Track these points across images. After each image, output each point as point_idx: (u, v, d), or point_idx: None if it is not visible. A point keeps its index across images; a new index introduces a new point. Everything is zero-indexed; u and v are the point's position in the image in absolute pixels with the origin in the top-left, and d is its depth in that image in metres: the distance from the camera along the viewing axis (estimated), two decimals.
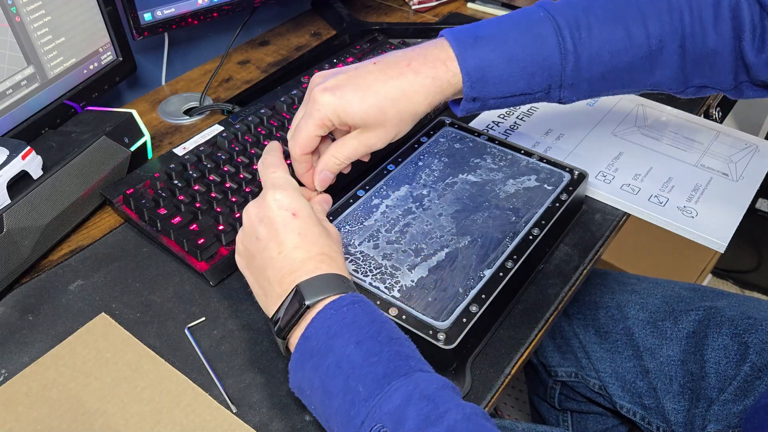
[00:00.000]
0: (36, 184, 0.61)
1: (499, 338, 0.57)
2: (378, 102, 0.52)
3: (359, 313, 0.45)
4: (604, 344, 0.79)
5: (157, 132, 0.83)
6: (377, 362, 0.43)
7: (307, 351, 0.45)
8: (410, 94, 0.52)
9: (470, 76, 0.54)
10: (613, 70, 0.56)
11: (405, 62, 0.53)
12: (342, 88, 0.52)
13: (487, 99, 0.56)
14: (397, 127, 0.54)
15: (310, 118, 0.53)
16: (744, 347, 0.71)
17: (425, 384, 0.42)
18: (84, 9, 0.74)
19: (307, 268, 0.47)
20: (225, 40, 0.99)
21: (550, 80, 0.56)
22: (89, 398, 0.52)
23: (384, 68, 0.53)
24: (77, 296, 0.61)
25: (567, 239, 0.66)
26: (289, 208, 0.50)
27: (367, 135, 0.54)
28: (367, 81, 0.52)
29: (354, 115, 0.52)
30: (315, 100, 0.52)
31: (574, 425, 0.88)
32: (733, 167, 0.73)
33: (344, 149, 0.54)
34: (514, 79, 0.55)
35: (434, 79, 0.53)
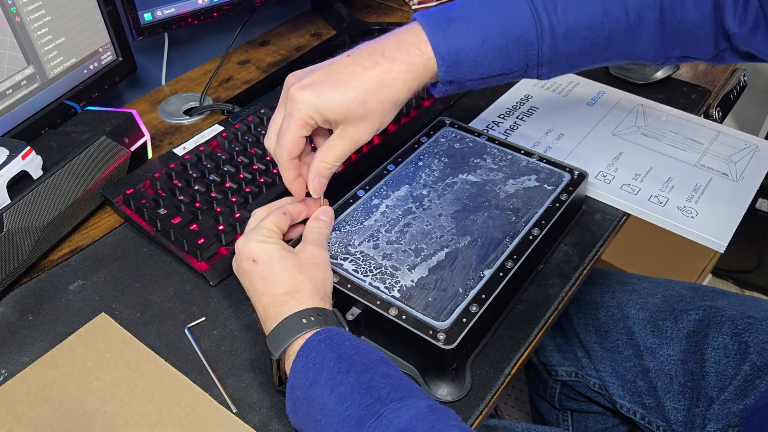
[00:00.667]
0: (36, 184, 0.61)
1: (499, 338, 0.57)
2: (358, 95, 0.51)
3: (327, 353, 0.47)
4: (605, 344, 0.79)
5: (157, 132, 0.83)
6: (351, 406, 0.44)
7: (296, 401, 0.47)
8: (388, 83, 0.51)
9: (444, 60, 0.52)
10: (591, 45, 0.55)
11: (379, 51, 0.52)
12: (320, 85, 0.51)
13: (464, 81, 0.55)
14: (380, 117, 0.53)
15: (291, 118, 0.52)
16: (744, 347, 0.71)
17: (397, 418, 0.42)
18: (84, 9, 0.74)
19: (272, 315, 0.50)
20: (225, 40, 0.99)
21: (527, 59, 0.55)
22: (89, 398, 0.52)
23: (358, 60, 0.52)
24: (77, 296, 0.61)
25: (567, 239, 0.66)
26: (249, 256, 0.52)
27: (352, 130, 0.52)
28: (343, 75, 0.51)
29: (335, 110, 0.51)
30: (294, 99, 0.51)
31: (574, 425, 0.88)
32: (733, 167, 0.73)
33: (332, 151, 0.54)
34: (489, 61, 0.54)
35: (410, 64, 0.52)
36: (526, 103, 0.83)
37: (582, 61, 0.57)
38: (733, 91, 0.91)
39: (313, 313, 0.49)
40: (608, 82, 0.86)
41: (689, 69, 0.90)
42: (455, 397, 0.52)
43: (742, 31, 0.54)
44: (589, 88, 0.85)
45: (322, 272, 0.53)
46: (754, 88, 1.32)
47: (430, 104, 0.82)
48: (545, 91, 0.85)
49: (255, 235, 0.53)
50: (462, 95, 0.85)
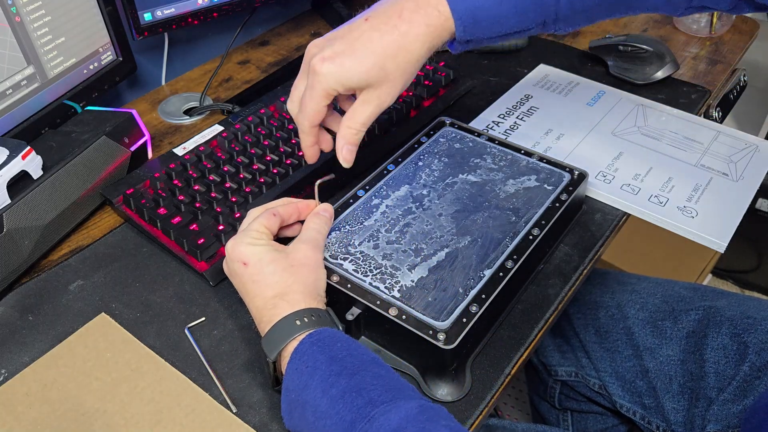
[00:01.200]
0: (36, 184, 0.61)
1: (499, 338, 0.57)
2: (377, 61, 0.51)
3: (318, 355, 0.47)
4: (604, 344, 0.79)
5: (157, 132, 0.83)
6: (342, 409, 0.44)
7: (291, 403, 0.47)
8: (407, 46, 0.52)
9: (462, 21, 0.53)
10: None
11: (396, 13, 0.52)
12: (340, 55, 0.51)
13: (481, 39, 0.55)
14: (401, 78, 0.53)
15: (314, 90, 0.53)
16: (743, 347, 0.71)
17: (388, 421, 0.42)
18: (84, 9, 0.74)
19: (265, 318, 0.50)
20: (225, 40, 0.99)
21: (544, 16, 0.55)
22: (89, 398, 0.53)
23: (376, 24, 0.52)
24: (77, 296, 0.61)
25: (567, 239, 0.66)
26: (239, 258, 0.52)
27: (376, 94, 0.53)
28: (362, 42, 0.51)
29: (357, 79, 0.52)
30: (316, 71, 0.52)
31: (574, 425, 0.88)
32: (733, 167, 0.73)
33: (358, 116, 0.54)
34: (507, 18, 0.54)
35: (428, 26, 0.52)
36: (526, 103, 0.83)
37: (599, 14, 0.57)
38: (733, 91, 0.91)
39: (306, 314, 0.49)
40: (608, 82, 0.86)
41: (689, 69, 0.90)
42: (455, 397, 0.52)
43: None
44: (589, 88, 0.85)
45: (314, 272, 0.53)
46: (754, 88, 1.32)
47: (430, 104, 0.82)
48: (545, 91, 0.85)
49: (244, 238, 0.53)
50: (462, 95, 0.85)
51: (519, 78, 0.88)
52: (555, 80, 0.87)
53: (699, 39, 0.97)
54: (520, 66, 0.91)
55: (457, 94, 0.84)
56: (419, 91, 0.81)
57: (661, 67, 0.85)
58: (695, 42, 0.96)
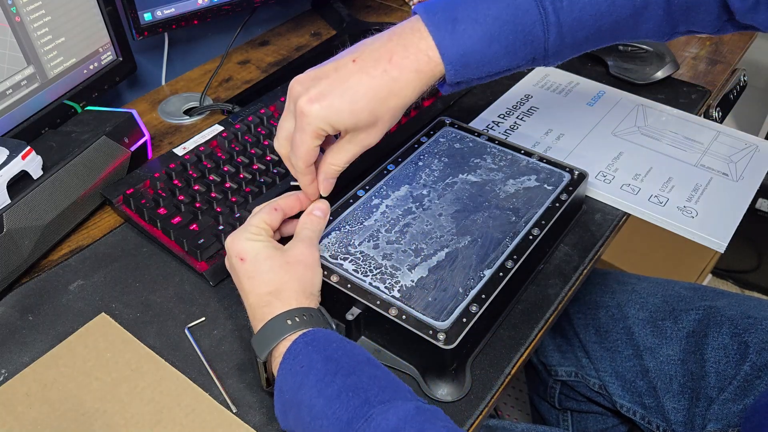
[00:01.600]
0: (36, 184, 0.61)
1: (499, 338, 0.57)
2: (367, 105, 0.51)
3: (313, 355, 0.47)
4: (604, 343, 0.79)
5: (157, 132, 0.83)
6: (339, 408, 0.44)
7: (285, 403, 0.47)
8: (398, 92, 0.51)
9: (453, 65, 0.52)
10: (597, 31, 0.55)
11: (386, 57, 0.51)
12: (328, 97, 0.50)
13: (471, 80, 0.55)
14: (388, 121, 0.53)
15: (304, 132, 0.52)
16: (744, 347, 0.71)
17: (385, 421, 0.42)
18: (84, 9, 0.74)
19: (258, 316, 0.50)
20: (225, 40, 0.99)
21: (533, 53, 0.54)
22: (89, 398, 0.52)
23: (365, 67, 0.51)
24: (77, 296, 0.61)
25: (567, 239, 0.66)
26: (236, 254, 0.52)
27: (362, 136, 0.53)
28: (351, 85, 0.50)
29: (345, 121, 0.51)
30: (304, 113, 0.51)
31: (574, 424, 0.88)
32: (733, 167, 0.73)
33: (341, 155, 0.54)
34: (497, 59, 0.53)
35: (418, 72, 0.51)
36: (526, 103, 0.83)
37: (587, 47, 0.57)
38: (733, 91, 0.91)
39: (299, 314, 0.49)
40: (608, 82, 0.86)
41: (689, 69, 0.90)
42: (455, 397, 0.52)
43: (744, 7, 0.55)
44: (589, 88, 0.85)
45: (310, 270, 0.53)
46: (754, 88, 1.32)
47: (430, 104, 0.82)
48: (545, 91, 0.85)
49: (243, 233, 0.53)
50: (462, 95, 0.85)
51: (519, 78, 0.88)
52: (555, 80, 0.87)
53: (699, 39, 0.97)
54: None
55: (457, 94, 0.84)
56: None
57: (661, 67, 0.85)
58: (695, 42, 0.96)
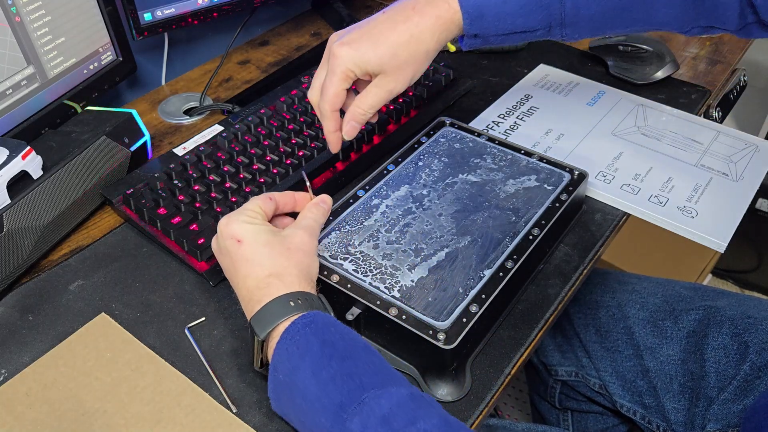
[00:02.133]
0: (36, 184, 0.61)
1: (499, 338, 0.57)
2: (390, 48, 0.56)
3: (310, 338, 0.47)
4: (605, 343, 0.79)
5: (157, 132, 0.83)
6: (332, 391, 0.44)
7: (279, 385, 0.47)
8: (418, 35, 0.56)
9: (469, 14, 0.56)
10: (615, 7, 0.58)
11: (410, 6, 0.56)
12: (357, 41, 0.56)
13: (488, 36, 0.58)
14: (412, 67, 0.57)
15: (333, 74, 0.57)
16: (744, 347, 0.71)
17: (378, 406, 0.42)
18: (84, 9, 0.74)
19: (257, 297, 0.50)
20: (225, 40, 0.99)
21: (549, 18, 0.58)
22: (89, 398, 0.53)
23: (392, 15, 0.57)
24: (77, 296, 0.61)
25: (567, 239, 0.66)
26: (233, 236, 0.52)
27: (387, 80, 0.57)
28: (378, 30, 0.56)
29: (371, 62, 0.56)
30: (335, 55, 0.56)
31: (574, 424, 0.88)
32: (733, 167, 0.73)
33: (367, 99, 0.58)
34: (512, 17, 0.57)
35: (438, 18, 0.56)
36: (526, 103, 0.83)
37: (605, 25, 0.59)
38: (733, 91, 0.91)
39: (300, 297, 0.49)
40: (608, 82, 0.86)
41: (689, 69, 0.90)
42: (455, 397, 0.52)
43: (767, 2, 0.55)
44: (589, 88, 0.85)
45: (309, 258, 0.53)
46: (754, 88, 1.32)
47: (430, 104, 0.82)
48: (545, 91, 0.85)
49: (239, 216, 0.53)
50: (462, 95, 0.85)
51: (519, 78, 0.88)
52: (555, 80, 0.87)
53: (699, 39, 0.97)
54: (520, 66, 0.91)
55: (457, 94, 0.84)
56: (419, 91, 0.81)
57: (661, 67, 0.85)
58: (695, 42, 0.96)
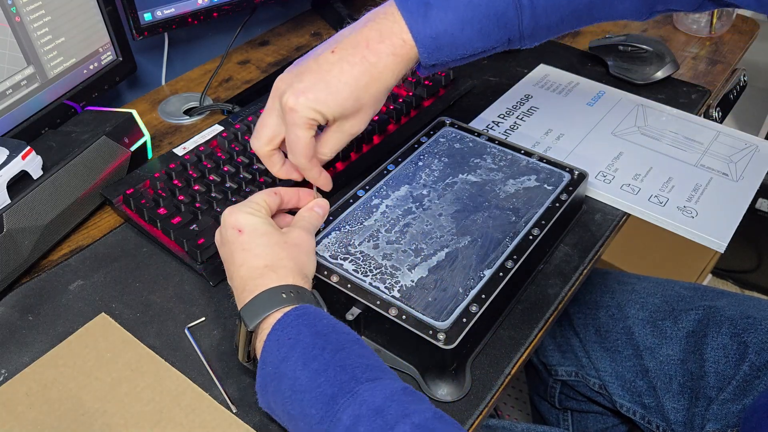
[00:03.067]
0: (36, 184, 0.61)
1: (499, 338, 0.57)
2: (351, 93, 0.52)
3: (303, 329, 0.46)
4: (605, 343, 0.80)
5: (157, 132, 0.83)
6: (324, 382, 0.44)
7: (267, 377, 0.47)
8: (377, 76, 0.53)
9: (426, 48, 0.53)
10: (572, 13, 0.56)
11: (363, 44, 0.52)
12: (312, 89, 0.52)
13: (447, 63, 0.56)
14: (373, 107, 0.55)
15: (296, 126, 0.53)
16: (743, 347, 0.71)
17: (372, 397, 0.42)
18: (84, 9, 0.74)
19: (249, 287, 0.49)
20: (225, 40, 0.99)
21: (507, 35, 0.55)
22: (89, 398, 0.53)
23: (344, 56, 0.52)
24: (77, 296, 0.61)
25: (567, 239, 0.66)
26: (234, 225, 0.52)
27: (349, 123, 0.54)
28: (334, 75, 0.52)
29: (332, 111, 0.52)
30: (292, 109, 0.52)
31: (574, 424, 0.88)
32: (733, 167, 0.73)
33: (329, 144, 0.56)
34: (471, 42, 0.54)
35: (395, 55, 0.53)
36: (526, 103, 0.83)
37: (564, 28, 0.57)
38: (733, 91, 0.91)
39: (293, 290, 0.49)
40: (608, 82, 0.86)
41: (689, 69, 0.90)
42: (455, 397, 0.52)
43: None
44: (589, 88, 0.85)
45: (305, 255, 0.53)
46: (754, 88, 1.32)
47: (430, 104, 0.82)
48: (545, 91, 0.85)
49: (243, 207, 0.53)
50: (462, 95, 0.85)
51: (519, 78, 0.88)
52: (555, 80, 0.87)
53: (699, 39, 0.97)
54: (520, 66, 0.91)
55: (457, 94, 0.84)
56: (419, 91, 0.81)
57: (661, 67, 0.85)
58: (695, 42, 0.96)
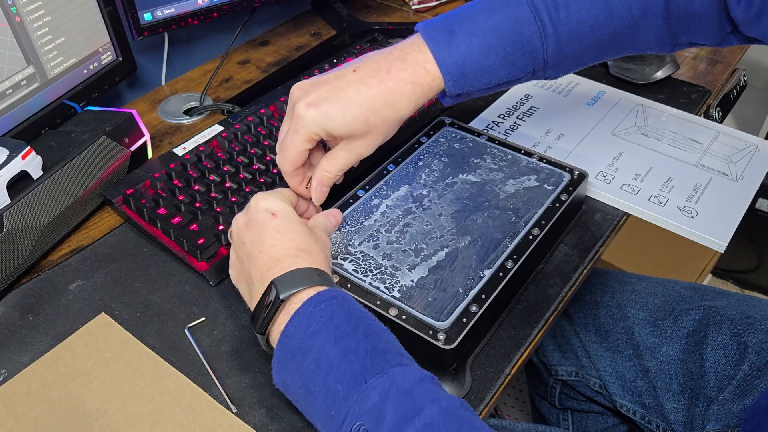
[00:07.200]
0: (36, 184, 0.61)
1: (499, 338, 0.57)
2: (361, 114, 0.52)
3: (336, 309, 0.46)
4: (605, 343, 0.80)
5: (157, 132, 0.83)
6: (354, 360, 0.43)
7: (289, 350, 0.46)
8: (392, 102, 0.52)
9: (451, 75, 0.53)
10: (596, 43, 0.55)
11: (385, 69, 0.52)
12: (324, 103, 0.51)
13: (471, 92, 0.55)
14: (383, 133, 0.54)
15: (296, 134, 0.53)
16: (743, 347, 0.71)
17: (402, 379, 0.42)
18: (84, 9, 0.74)
19: (283, 264, 0.48)
20: (225, 40, 0.99)
21: (533, 64, 0.55)
22: (89, 398, 0.53)
23: (364, 77, 0.52)
24: (77, 296, 0.61)
25: (567, 239, 0.66)
26: (268, 209, 0.51)
27: (355, 144, 0.54)
28: (348, 93, 0.52)
29: (339, 128, 0.52)
30: (299, 116, 0.52)
31: (574, 424, 0.88)
32: (733, 167, 0.73)
33: (335, 162, 0.55)
34: (495, 70, 0.54)
35: (414, 84, 0.52)
36: (526, 103, 0.83)
37: (588, 59, 0.57)
38: (733, 91, 0.91)
39: (326, 275, 0.49)
40: (608, 82, 0.86)
41: (689, 69, 0.90)
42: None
43: (748, 17, 0.54)
44: (589, 88, 0.85)
45: (328, 251, 0.53)
46: (754, 88, 1.32)
47: (430, 104, 0.82)
48: (545, 91, 0.85)
49: (275, 194, 0.53)
50: None
51: None
52: (555, 80, 0.87)
53: None
54: None
55: None
56: None
57: (661, 67, 0.85)
58: None
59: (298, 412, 0.51)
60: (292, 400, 0.48)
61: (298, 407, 0.48)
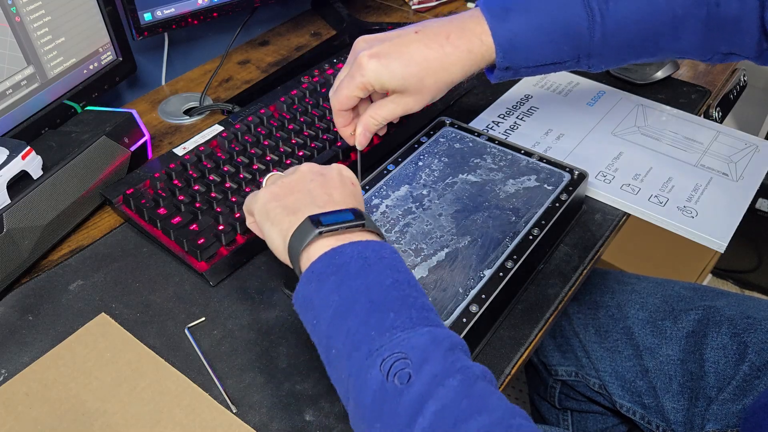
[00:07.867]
0: (36, 184, 0.61)
1: (499, 338, 0.57)
2: (419, 72, 0.56)
3: (399, 261, 0.45)
4: (604, 343, 0.80)
5: (157, 132, 0.84)
6: (413, 304, 0.42)
7: (335, 266, 0.44)
8: (447, 66, 0.57)
9: (502, 47, 0.57)
10: (638, 37, 0.59)
11: (444, 35, 0.57)
12: (387, 56, 0.56)
13: (519, 68, 0.60)
14: (432, 93, 0.59)
15: (353, 80, 0.57)
16: (743, 347, 0.71)
17: (457, 339, 0.42)
18: (84, 9, 0.74)
19: (341, 204, 0.48)
20: (225, 40, 0.99)
21: (578, 50, 0.59)
22: (89, 398, 0.53)
23: (425, 39, 0.57)
24: (77, 296, 0.61)
25: (567, 239, 0.66)
26: (319, 171, 0.51)
27: (406, 99, 0.58)
28: (410, 50, 0.56)
29: (395, 82, 0.56)
30: (361, 65, 0.56)
31: (574, 424, 0.88)
32: (733, 167, 0.73)
33: (383, 111, 0.59)
34: (542, 49, 0.58)
35: (470, 52, 0.57)
36: (526, 103, 0.83)
37: (630, 55, 0.61)
38: (733, 91, 0.91)
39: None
40: (608, 82, 0.86)
41: (689, 69, 0.90)
42: None
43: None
44: (589, 88, 0.85)
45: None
46: (754, 88, 1.32)
47: (430, 104, 0.82)
48: (545, 91, 0.85)
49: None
50: (462, 95, 0.85)
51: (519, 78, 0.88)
52: (555, 80, 0.87)
53: None
54: None
55: (457, 94, 0.84)
56: None
57: (661, 67, 0.85)
58: None
59: (298, 412, 0.51)
60: (307, 317, 0.45)
61: (310, 324, 0.45)
